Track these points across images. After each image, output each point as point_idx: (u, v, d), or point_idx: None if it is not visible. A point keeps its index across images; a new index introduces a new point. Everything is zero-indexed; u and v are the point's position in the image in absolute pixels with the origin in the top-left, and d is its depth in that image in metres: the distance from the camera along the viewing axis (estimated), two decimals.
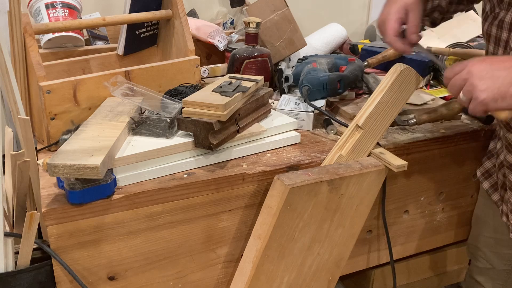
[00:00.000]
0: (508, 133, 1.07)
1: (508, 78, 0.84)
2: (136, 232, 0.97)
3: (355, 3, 2.06)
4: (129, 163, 0.96)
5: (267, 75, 1.37)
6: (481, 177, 1.24)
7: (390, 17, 1.02)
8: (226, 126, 1.02)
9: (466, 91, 0.88)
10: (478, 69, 0.87)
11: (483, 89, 0.85)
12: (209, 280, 1.10)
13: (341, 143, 1.08)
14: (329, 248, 1.11)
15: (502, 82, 0.84)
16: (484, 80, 0.85)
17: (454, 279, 1.53)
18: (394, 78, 1.07)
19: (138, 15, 1.22)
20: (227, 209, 1.04)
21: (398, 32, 1.03)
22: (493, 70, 0.86)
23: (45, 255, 0.93)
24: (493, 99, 0.85)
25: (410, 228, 1.32)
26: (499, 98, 0.85)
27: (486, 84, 0.85)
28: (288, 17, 1.48)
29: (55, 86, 1.04)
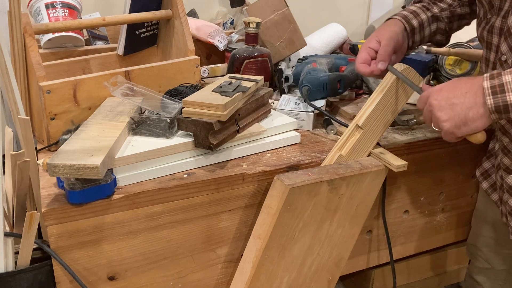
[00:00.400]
0: (503, 136, 1.08)
1: (465, 104, 0.87)
2: (136, 232, 0.97)
3: (355, 3, 2.06)
4: (129, 163, 0.96)
5: (267, 75, 1.37)
6: (480, 177, 1.24)
7: (362, 48, 1.12)
8: (226, 126, 1.02)
9: (434, 122, 0.92)
10: (436, 100, 0.90)
11: (445, 119, 0.89)
12: (209, 280, 1.10)
13: (341, 143, 1.08)
14: (329, 248, 1.11)
15: (460, 108, 0.88)
16: (444, 110, 0.89)
17: (454, 279, 1.53)
18: (394, 78, 1.07)
19: (138, 15, 1.22)
20: (227, 209, 1.04)
21: (364, 60, 1.11)
22: (451, 98, 0.89)
23: (45, 255, 0.93)
24: (456, 127, 0.89)
25: (410, 228, 1.32)
26: (461, 124, 0.88)
27: (446, 114, 0.89)
28: (288, 17, 1.48)
29: (55, 86, 1.04)
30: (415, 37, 1.17)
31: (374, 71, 1.10)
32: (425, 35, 1.19)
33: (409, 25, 1.16)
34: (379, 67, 1.10)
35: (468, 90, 0.89)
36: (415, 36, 1.17)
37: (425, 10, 1.18)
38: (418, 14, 1.17)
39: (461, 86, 0.90)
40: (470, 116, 0.88)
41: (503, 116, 0.87)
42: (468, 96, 0.88)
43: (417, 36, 1.18)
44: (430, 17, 1.18)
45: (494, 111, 0.86)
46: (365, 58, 1.12)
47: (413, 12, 1.18)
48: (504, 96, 0.85)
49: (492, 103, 0.86)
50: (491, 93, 0.86)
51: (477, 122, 0.88)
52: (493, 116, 0.87)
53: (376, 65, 1.10)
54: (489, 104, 0.86)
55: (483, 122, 0.88)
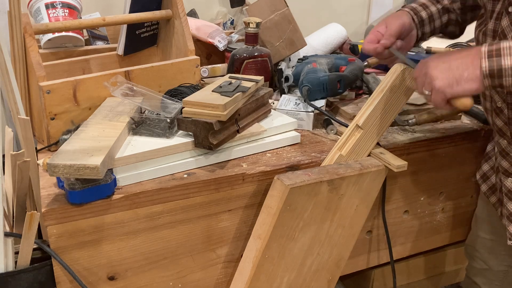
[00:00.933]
0: (501, 138, 1.08)
1: (461, 65, 0.88)
2: (136, 232, 0.97)
3: (355, 3, 2.06)
4: (129, 163, 0.96)
5: (267, 75, 1.37)
6: (480, 180, 1.24)
7: (371, 31, 1.15)
8: (226, 126, 1.02)
9: (426, 83, 0.92)
10: (433, 61, 0.91)
11: (439, 77, 0.89)
12: (209, 280, 1.10)
13: (341, 143, 1.08)
14: (329, 248, 1.11)
15: (456, 68, 0.88)
16: (439, 69, 0.90)
17: (454, 279, 1.53)
18: (394, 78, 1.07)
19: (138, 15, 1.22)
20: (227, 209, 1.04)
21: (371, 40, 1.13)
22: (448, 60, 0.90)
23: (45, 255, 0.93)
24: (449, 85, 0.88)
25: (410, 228, 1.32)
26: (454, 83, 0.88)
27: (441, 73, 0.89)
28: (288, 17, 1.48)
29: (55, 86, 1.04)
30: (425, 28, 1.17)
31: (377, 48, 1.11)
32: (435, 26, 1.18)
33: (418, 17, 1.15)
34: (382, 42, 1.10)
35: (467, 54, 0.89)
36: (424, 28, 1.17)
37: (434, 3, 1.18)
38: (428, 6, 1.17)
39: (459, 52, 0.91)
40: (465, 76, 0.87)
41: (496, 81, 0.86)
42: (466, 58, 0.88)
43: (427, 27, 1.17)
44: (440, 9, 1.17)
45: (488, 75, 0.86)
46: (372, 38, 1.13)
47: (422, 4, 1.17)
48: (499, 59, 0.85)
49: (487, 66, 0.86)
50: (487, 56, 0.86)
51: (470, 83, 0.87)
52: (485, 82, 0.87)
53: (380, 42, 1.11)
54: (483, 66, 0.86)
55: (476, 84, 0.87)
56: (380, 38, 1.12)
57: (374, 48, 1.11)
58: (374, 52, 1.11)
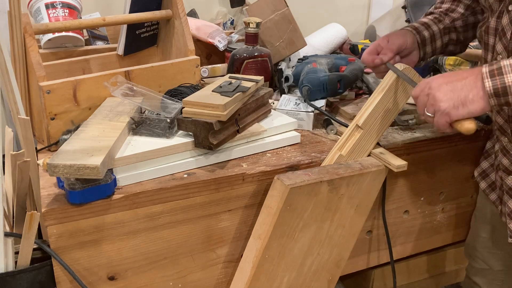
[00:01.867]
0: (502, 136, 1.08)
1: (466, 86, 0.87)
2: (136, 232, 0.97)
3: (355, 3, 2.06)
4: (129, 163, 0.96)
5: (267, 75, 1.37)
6: (479, 177, 1.24)
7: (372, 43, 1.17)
8: (226, 126, 1.02)
9: (429, 105, 0.91)
10: (437, 82, 0.90)
11: (444, 99, 0.88)
12: (209, 280, 1.10)
13: (341, 143, 1.08)
14: (329, 248, 1.11)
15: (460, 89, 0.87)
16: (443, 91, 0.88)
17: (454, 279, 1.53)
18: (394, 78, 1.07)
19: (138, 15, 1.22)
20: (227, 209, 1.04)
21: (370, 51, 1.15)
22: (452, 81, 0.89)
23: (45, 255, 0.93)
24: (454, 107, 0.88)
25: (410, 228, 1.32)
26: (460, 105, 0.87)
27: (446, 94, 0.88)
28: (288, 17, 1.48)
29: (55, 86, 1.04)
30: (426, 48, 1.18)
31: (375, 60, 1.12)
32: (437, 46, 1.19)
33: (420, 36, 1.17)
34: (381, 56, 1.12)
35: (469, 76, 0.89)
36: (426, 48, 1.18)
37: (436, 22, 1.19)
38: (430, 26, 1.18)
39: (461, 73, 0.91)
40: (470, 98, 0.87)
41: (502, 99, 0.86)
42: (468, 80, 0.88)
43: (428, 47, 1.18)
44: (442, 29, 1.18)
45: (493, 94, 0.86)
46: (372, 50, 1.15)
47: (424, 24, 1.19)
48: (502, 78, 0.85)
49: (491, 85, 0.85)
50: (489, 76, 0.86)
51: (476, 105, 0.87)
52: (492, 101, 0.86)
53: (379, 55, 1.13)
54: (487, 86, 0.86)
55: (482, 105, 0.87)
56: (380, 51, 1.14)
57: (372, 60, 1.12)
58: (371, 64, 1.13)
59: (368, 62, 1.14)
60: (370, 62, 1.13)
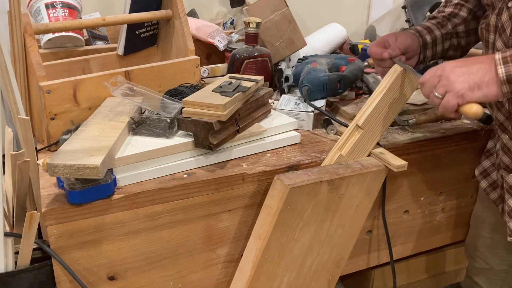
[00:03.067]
0: (503, 133, 1.08)
1: (481, 69, 0.88)
2: (136, 232, 0.97)
3: (355, 3, 2.06)
4: (129, 163, 0.96)
5: (267, 75, 1.37)
6: (479, 176, 1.24)
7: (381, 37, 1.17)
8: (226, 126, 1.02)
9: (440, 86, 0.91)
10: (451, 65, 0.90)
11: (459, 80, 0.88)
12: (209, 280, 1.10)
13: (341, 143, 1.08)
14: (329, 248, 1.11)
15: (476, 72, 0.88)
16: (458, 73, 0.89)
17: (454, 279, 1.53)
18: (394, 78, 1.07)
19: (138, 15, 1.22)
20: (227, 209, 1.04)
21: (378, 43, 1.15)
22: (466, 65, 0.89)
23: (45, 255, 0.93)
24: (469, 89, 0.87)
25: (410, 228, 1.32)
26: (476, 87, 0.87)
27: (461, 76, 0.88)
28: (288, 17, 1.48)
29: (55, 86, 1.04)
30: (427, 52, 1.18)
31: (383, 54, 1.12)
32: (437, 51, 1.19)
33: (422, 39, 1.17)
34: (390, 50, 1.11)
35: (483, 61, 0.89)
36: (426, 51, 1.18)
37: (439, 27, 1.19)
38: (432, 30, 1.18)
39: (474, 58, 0.91)
40: (486, 80, 0.87)
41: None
42: (483, 64, 0.88)
43: (429, 51, 1.18)
44: (444, 34, 1.19)
45: (506, 81, 0.85)
46: (380, 43, 1.15)
47: (427, 28, 1.19)
48: None
49: (504, 72, 0.85)
50: (503, 63, 0.86)
51: (491, 88, 0.87)
52: (504, 88, 0.86)
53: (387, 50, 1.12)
54: (500, 73, 0.86)
55: (496, 90, 0.87)
56: (388, 46, 1.14)
57: (380, 53, 1.12)
58: (379, 56, 1.12)
59: (376, 54, 1.13)
60: (378, 54, 1.12)
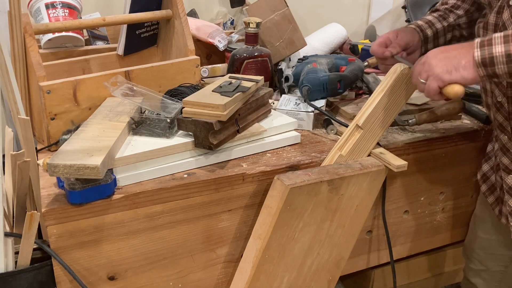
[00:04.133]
0: (501, 134, 1.08)
1: (459, 54, 0.92)
2: (136, 232, 0.97)
3: (355, 3, 2.06)
4: (129, 163, 0.96)
5: (267, 75, 1.37)
6: (480, 180, 1.24)
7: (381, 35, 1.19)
8: (226, 126, 1.02)
9: (423, 71, 0.95)
10: (433, 52, 0.95)
11: (439, 65, 0.93)
12: (209, 280, 1.10)
13: (341, 143, 1.08)
14: (329, 248, 1.11)
15: (454, 57, 0.92)
16: (438, 58, 0.93)
17: (454, 279, 1.53)
18: (394, 78, 1.07)
19: (138, 15, 1.22)
20: (227, 209, 1.04)
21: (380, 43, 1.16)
22: (447, 50, 0.94)
23: (45, 255, 0.93)
24: (447, 71, 0.91)
25: (410, 228, 1.32)
26: (453, 69, 0.91)
27: (440, 61, 0.93)
28: (288, 17, 1.48)
29: (55, 86, 1.04)
30: (428, 46, 1.19)
31: (385, 52, 1.14)
32: (439, 43, 1.20)
33: (423, 34, 1.18)
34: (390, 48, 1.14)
35: (463, 46, 0.93)
36: (428, 45, 1.19)
37: (441, 20, 1.20)
38: (433, 24, 1.19)
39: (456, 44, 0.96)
40: (463, 64, 0.90)
41: (489, 70, 0.88)
42: (463, 49, 0.92)
43: (430, 45, 1.19)
44: (446, 26, 1.19)
45: (481, 63, 0.89)
46: (381, 42, 1.16)
47: (428, 22, 1.19)
48: (490, 48, 0.88)
49: (479, 55, 0.89)
50: (479, 46, 0.89)
51: (468, 71, 0.90)
52: (480, 71, 0.89)
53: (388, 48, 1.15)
54: (476, 56, 0.89)
55: (474, 73, 0.90)
56: (389, 44, 1.15)
57: (382, 52, 1.14)
58: (381, 55, 1.14)
59: (378, 54, 1.15)
60: (380, 53, 1.14)
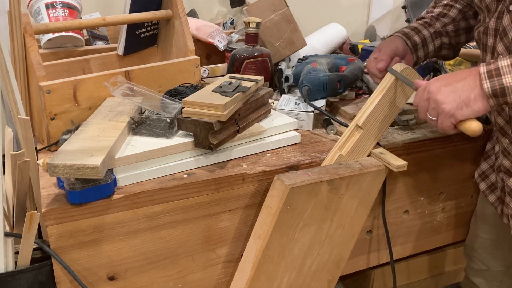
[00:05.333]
0: (502, 137, 1.08)
1: (466, 86, 0.87)
2: (136, 232, 0.97)
3: (355, 3, 2.06)
4: (129, 163, 0.96)
5: (267, 75, 1.37)
6: (478, 179, 1.24)
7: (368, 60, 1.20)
8: (226, 126, 1.02)
9: (431, 109, 0.91)
10: (436, 86, 0.90)
11: (446, 101, 0.88)
12: (209, 280, 1.10)
13: (341, 143, 1.08)
14: (329, 248, 1.11)
15: (461, 90, 0.88)
16: (444, 93, 0.89)
17: (454, 279, 1.53)
18: (393, 78, 1.07)
19: (138, 15, 1.22)
20: (227, 209, 1.04)
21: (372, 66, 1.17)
22: (451, 83, 0.89)
23: (45, 255, 0.93)
24: (458, 108, 0.88)
25: (410, 228, 1.32)
26: (464, 105, 0.87)
27: (448, 96, 0.88)
28: (288, 17, 1.48)
29: (55, 86, 1.04)
30: (419, 52, 1.19)
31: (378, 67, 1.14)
32: (429, 50, 1.20)
33: (411, 41, 1.17)
34: (378, 66, 1.14)
35: (467, 76, 0.89)
36: (418, 52, 1.19)
37: (427, 27, 1.19)
38: (420, 31, 1.19)
39: (459, 73, 0.91)
40: (472, 97, 0.87)
41: (500, 100, 0.86)
42: (468, 80, 0.88)
43: (421, 52, 1.19)
44: (432, 33, 1.19)
45: (492, 95, 0.86)
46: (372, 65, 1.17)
47: (414, 28, 1.19)
48: (500, 79, 0.85)
49: (489, 87, 0.86)
50: (488, 77, 0.86)
51: (479, 104, 0.87)
52: (491, 102, 0.87)
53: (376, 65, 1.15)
54: (486, 88, 0.86)
55: (484, 105, 0.87)
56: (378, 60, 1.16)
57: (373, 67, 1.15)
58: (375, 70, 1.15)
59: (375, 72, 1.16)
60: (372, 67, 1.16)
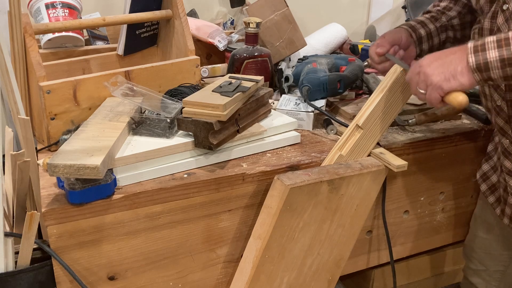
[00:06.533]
0: (503, 138, 1.08)
1: (455, 60, 0.90)
2: (136, 232, 0.97)
3: (355, 3, 2.06)
4: (129, 163, 0.96)
5: (267, 75, 1.37)
6: (480, 180, 1.24)
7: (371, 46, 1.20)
8: (226, 126, 1.02)
9: (420, 81, 0.94)
10: (426, 60, 0.94)
11: (435, 73, 0.91)
12: (209, 280, 1.10)
13: (341, 143, 1.08)
14: (329, 248, 1.11)
15: (449, 63, 0.91)
16: (433, 66, 0.92)
17: (454, 279, 1.53)
18: (394, 78, 1.07)
19: (138, 15, 1.22)
20: (227, 209, 1.04)
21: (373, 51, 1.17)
22: (440, 57, 0.92)
23: (45, 255, 0.93)
24: (445, 80, 0.90)
25: (410, 228, 1.32)
26: (451, 77, 0.90)
27: (437, 69, 0.91)
28: (288, 17, 1.48)
29: (55, 86, 1.04)
30: (423, 45, 1.19)
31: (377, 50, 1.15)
32: (433, 44, 1.20)
33: (416, 34, 1.18)
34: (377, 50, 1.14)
35: (457, 51, 0.92)
36: (422, 45, 1.19)
37: (433, 21, 1.20)
38: (426, 24, 1.19)
39: (450, 49, 0.94)
40: (459, 70, 0.90)
41: (484, 75, 0.88)
42: (457, 55, 0.91)
43: (425, 44, 1.19)
44: (438, 27, 1.19)
45: (476, 69, 0.88)
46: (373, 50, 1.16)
47: (420, 22, 1.20)
48: (484, 53, 0.87)
49: (474, 61, 0.88)
50: (473, 51, 0.89)
51: (465, 77, 0.90)
52: (476, 76, 0.89)
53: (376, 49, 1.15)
54: (471, 62, 0.88)
55: (470, 79, 0.89)
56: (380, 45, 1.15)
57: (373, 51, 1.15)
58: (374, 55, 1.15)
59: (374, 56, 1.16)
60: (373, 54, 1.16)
